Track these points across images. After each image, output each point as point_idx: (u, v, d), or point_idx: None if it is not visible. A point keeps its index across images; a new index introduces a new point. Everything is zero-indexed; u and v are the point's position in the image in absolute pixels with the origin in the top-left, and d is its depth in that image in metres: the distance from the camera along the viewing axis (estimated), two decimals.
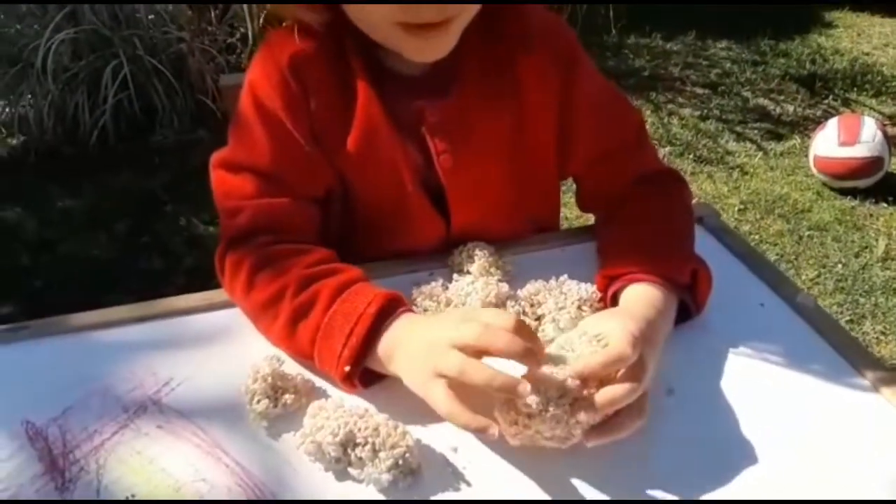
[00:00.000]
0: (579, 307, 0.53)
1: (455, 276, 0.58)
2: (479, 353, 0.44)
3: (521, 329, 0.45)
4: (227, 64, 2.00)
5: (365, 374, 0.50)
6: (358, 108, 0.57)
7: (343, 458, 0.44)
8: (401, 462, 0.44)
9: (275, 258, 0.54)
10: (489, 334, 0.44)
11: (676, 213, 0.62)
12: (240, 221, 0.57)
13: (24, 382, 0.51)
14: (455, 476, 0.45)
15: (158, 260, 1.56)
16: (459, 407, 0.43)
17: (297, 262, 0.54)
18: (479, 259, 0.59)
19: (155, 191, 1.76)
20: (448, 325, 0.47)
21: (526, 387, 0.42)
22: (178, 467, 0.45)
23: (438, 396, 0.44)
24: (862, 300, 1.51)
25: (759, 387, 0.51)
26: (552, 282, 0.56)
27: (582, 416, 0.43)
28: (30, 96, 1.91)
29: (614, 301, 0.54)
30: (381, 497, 0.44)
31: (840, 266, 1.60)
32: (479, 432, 0.43)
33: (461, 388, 0.44)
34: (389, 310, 0.50)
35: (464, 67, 0.58)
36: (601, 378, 0.44)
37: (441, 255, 0.62)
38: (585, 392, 0.43)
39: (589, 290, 0.55)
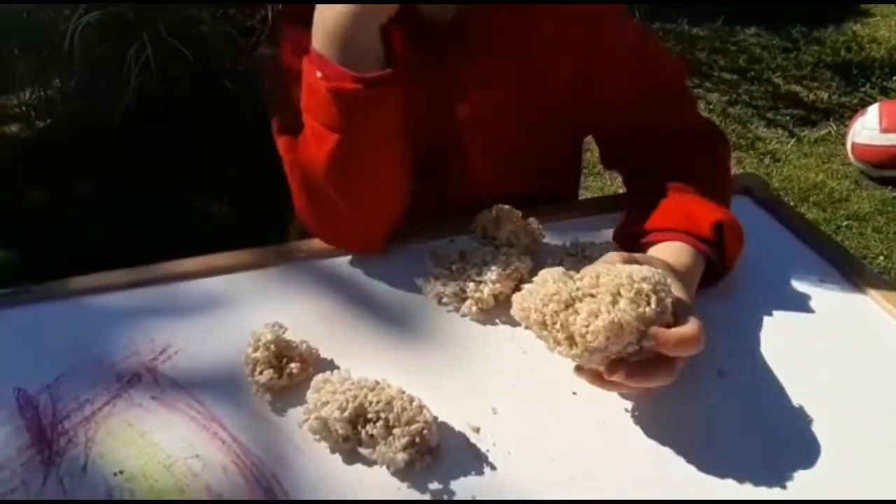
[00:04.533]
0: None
1: (475, 244, 0.55)
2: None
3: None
4: (246, 46, 1.99)
5: None
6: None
7: (352, 436, 0.40)
8: (418, 440, 0.39)
9: None
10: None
11: (705, 166, 0.56)
12: None
13: (21, 348, 0.49)
14: (478, 459, 0.40)
15: (178, 241, 1.54)
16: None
17: None
18: (508, 224, 0.54)
19: (175, 172, 1.75)
20: None
21: None
22: (171, 441, 0.42)
23: None
24: None
25: (823, 370, 0.46)
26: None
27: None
28: (58, 80, 1.92)
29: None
30: (395, 480, 0.39)
31: (882, 258, 1.51)
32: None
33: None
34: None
35: (488, 20, 0.57)
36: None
37: (465, 219, 0.57)
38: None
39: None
